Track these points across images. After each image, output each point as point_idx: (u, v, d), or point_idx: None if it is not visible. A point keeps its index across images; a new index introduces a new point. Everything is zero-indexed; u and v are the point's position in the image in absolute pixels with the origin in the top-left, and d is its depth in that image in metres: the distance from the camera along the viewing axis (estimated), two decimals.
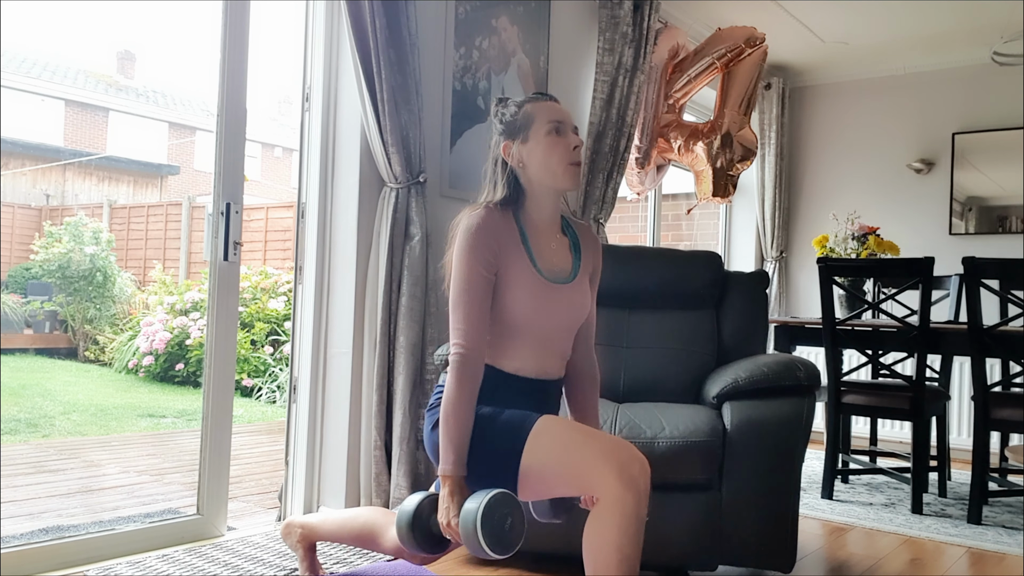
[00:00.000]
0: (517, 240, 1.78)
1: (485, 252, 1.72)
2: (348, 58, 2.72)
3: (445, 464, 1.68)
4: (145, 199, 14.85)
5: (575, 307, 1.83)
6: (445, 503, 1.67)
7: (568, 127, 1.80)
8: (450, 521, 1.65)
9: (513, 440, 1.68)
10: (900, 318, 3.45)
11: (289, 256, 8.31)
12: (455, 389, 1.69)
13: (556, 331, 1.81)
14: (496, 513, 1.59)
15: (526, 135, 1.79)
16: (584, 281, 1.87)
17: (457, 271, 1.74)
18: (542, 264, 1.80)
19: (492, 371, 1.77)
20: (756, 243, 5.41)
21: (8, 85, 14.39)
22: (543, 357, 1.81)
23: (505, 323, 1.76)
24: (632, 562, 1.58)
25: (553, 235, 1.86)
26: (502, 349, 1.78)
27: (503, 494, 1.61)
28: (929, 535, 3.01)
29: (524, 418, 1.70)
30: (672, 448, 2.23)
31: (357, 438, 2.76)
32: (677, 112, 4.20)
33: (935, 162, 5.00)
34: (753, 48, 4.01)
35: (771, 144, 5.23)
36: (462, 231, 1.75)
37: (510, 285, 1.75)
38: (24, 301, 8.82)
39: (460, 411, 1.68)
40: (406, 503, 1.76)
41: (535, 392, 1.80)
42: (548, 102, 1.83)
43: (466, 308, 1.72)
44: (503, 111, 1.84)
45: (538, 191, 1.82)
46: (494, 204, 1.79)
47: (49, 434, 4.94)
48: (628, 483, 1.56)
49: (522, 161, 1.80)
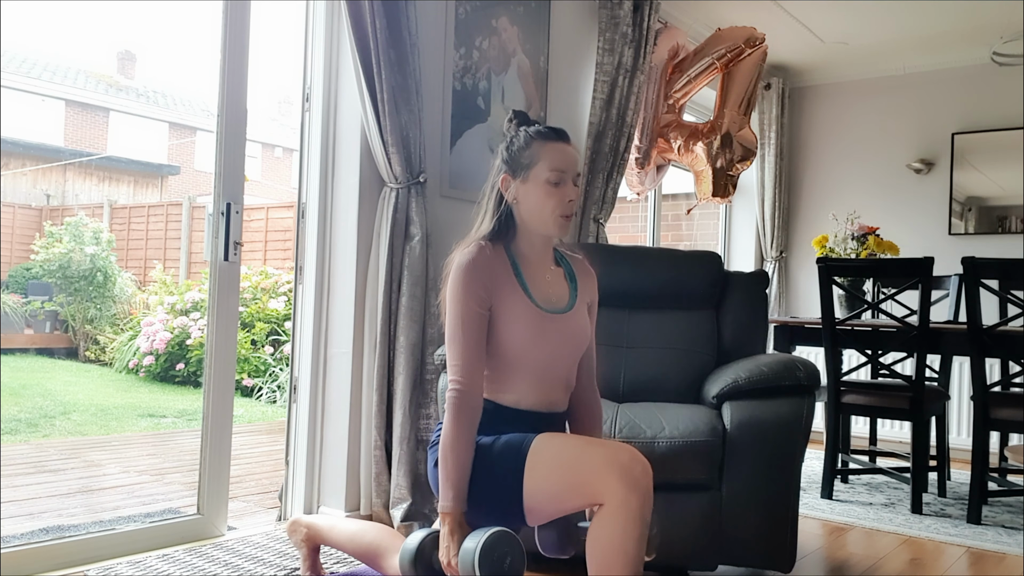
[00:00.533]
0: (510, 273, 1.78)
1: (477, 288, 1.73)
2: (348, 58, 2.72)
3: (444, 501, 1.69)
4: (145, 199, 14.85)
5: (575, 336, 1.83)
6: (445, 542, 1.67)
7: (570, 176, 1.78)
8: (450, 560, 1.66)
9: (513, 462, 1.68)
10: (900, 318, 3.45)
11: (289, 256, 8.31)
12: (453, 425, 1.70)
13: (556, 361, 1.81)
14: (495, 552, 1.59)
15: (527, 175, 1.78)
16: (582, 310, 1.87)
17: (451, 308, 1.74)
18: (537, 295, 1.80)
19: (492, 405, 1.78)
20: (756, 243, 5.41)
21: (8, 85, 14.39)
22: (545, 389, 1.81)
23: (504, 356, 1.77)
24: (636, 563, 1.58)
25: (547, 267, 1.86)
26: (502, 383, 1.78)
27: (501, 532, 1.61)
28: (929, 535, 3.01)
29: (521, 440, 1.70)
30: (672, 448, 2.23)
31: (357, 438, 2.77)
32: (677, 112, 4.20)
33: (935, 162, 5.01)
34: (753, 48, 4.01)
35: (771, 144, 5.24)
36: (454, 269, 1.76)
37: (506, 318, 1.75)
38: (24, 301, 8.82)
39: (458, 447, 1.69)
40: (409, 540, 1.77)
41: (537, 424, 1.79)
42: (559, 145, 1.79)
43: (461, 345, 1.72)
44: (514, 139, 1.82)
45: (529, 229, 1.82)
46: (485, 240, 1.79)
47: (49, 434, 4.95)
48: (631, 485, 1.56)
49: (517, 199, 1.80)
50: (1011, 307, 4.10)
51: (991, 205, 4.84)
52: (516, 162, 1.80)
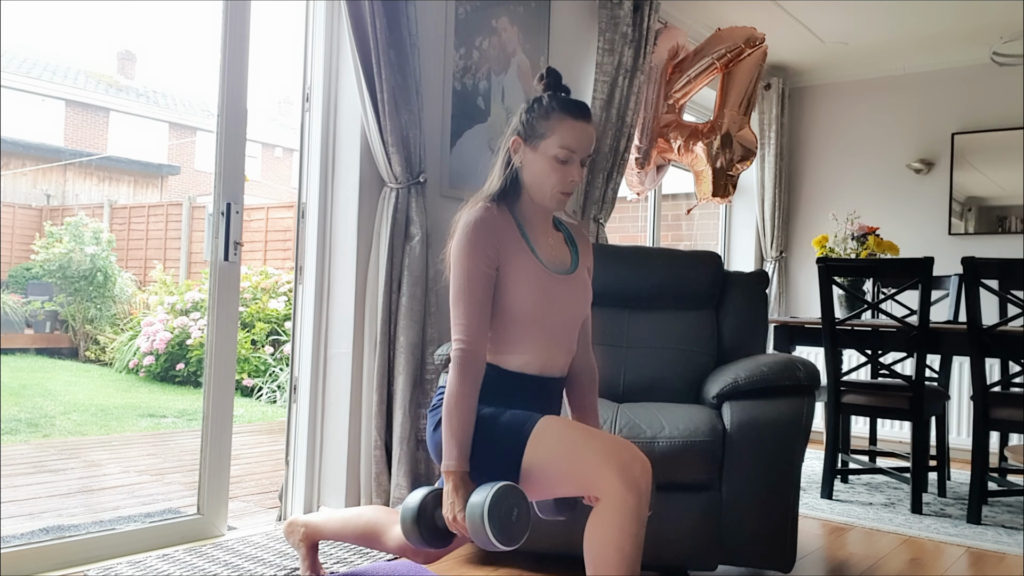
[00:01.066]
0: (517, 234, 1.79)
1: (486, 248, 1.73)
2: (348, 58, 2.72)
3: (448, 460, 1.68)
4: (146, 199, 14.85)
5: (579, 298, 1.84)
6: (450, 498, 1.67)
7: (579, 157, 1.78)
8: (456, 516, 1.65)
9: (515, 441, 1.68)
10: (900, 318, 3.45)
11: (289, 256, 8.32)
12: (457, 384, 1.69)
13: (563, 323, 1.81)
14: (503, 504, 1.59)
15: (537, 144, 1.78)
16: (583, 273, 1.88)
17: (457, 267, 1.74)
18: (543, 256, 1.81)
19: (495, 370, 1.77)
20: (756, 243, 5.41)
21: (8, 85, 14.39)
22: (549, 352, 1.81)
23: (510, 318, 1.76)
24: (633, 562, 1.58)
25: (548, 230, 1.87)
26: (506, 346, 1.78)
27: (508, 486, 1.61)
28: (929, 535, 3.01)
29: (525, 419, 1.70)
30: (672, 448, 2.23)
31: (357, 438, 2.77)
32: (677, 112, 4.20)
33: (935, 162, 5.01)
34: (753, 48, 4.01)
35: (771, 144, 5.24)
36: (461, 227, 1.75)
37: (514, 278, 1.75)
38: (25, 301, 8.82)
39: (462, 406, 1.68)
40: (410, 499, 1.75)
41: (538, 390, 1.80)
42: (577, 123, 1.77)
43: (467, 304, 1.72)
44: (536, 104, 1.80)
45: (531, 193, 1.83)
46: (492, 200, 1.80)
47: (49, 434, 4.95)
48: (630, 483, 1.56)
49: (523, 163, 1.80)
50: (1011, 307, 4.10)
51: (991, 205, 4.84)
52: (531, 128, 1.79)
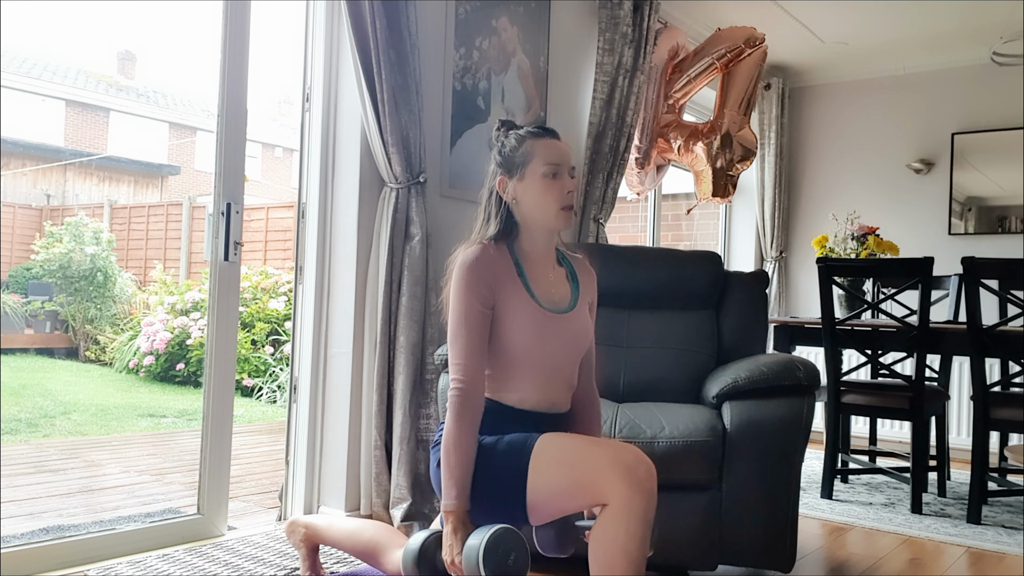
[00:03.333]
0: (513, 273, 1.79)
1: (480, 287, 1.73)
2: (348, 58, 2.72)
3: (447, 499, 1.69)
4: (146, 199, 14.86)
5: (577, 336, 1.84)
6: (448, 540, 1.67)
7: (565, 169, 1.80)
8: (454, 559, 1.66)
9: (517, 463, 1.68)
10: (900, 318, 3.45)
11: (289, 256, 8.32)
12: (455, 424, 1.70)
13: (559, 361, 1.81)
14: (499, 548, 1.59)
15: (522, 173, 1.79)
16: (584, 310, 1.88)
17: (454, 307, 1.75)
18: (540, 295, 1.80)
19: (494, 405, 1.78)
20: (756, 243, 5.41)
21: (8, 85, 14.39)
22: (547, 389, 1.81)
23: (506, 356, 1.77)
24: (639, 564, 1.58)
25: (549, 266, 1.87)
26: (504, 383, 1.79)
27: (505, 529, 1.61)
28: (929, 535, 3.01)
29: (525, 440, 1.70)
30: (672, 448, 2.23)
31: (357, 438, 2.77)
32: (677, 112, 4.20)
33: (935, 162, 5.01)
34: (753, 48, 4.01)
35: (771, 144, 5.24)
36: (457, 267, 1.76)
37: (509, 317, 1.75)
38: (25, 301, 8.82)
39: (461, 445, 1.69)
40: (412, 541, 1.76)
41: (540, 424, 1.79)
42: (549, 140, 1.81)
43: (463, 343, 1.73)
44: (504, 141, 1.83)
45: (531, 226, 1.82)
46: (488, 239, 1.80)
47: (50, 434, 4.95)
48: (636, 486, 1.56)
49: (516, 198, 1.80)
50: (1011, 307, 4.10)
51: (991, 205, 4.84)
52: (510, 162, 1.80)
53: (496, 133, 1.87)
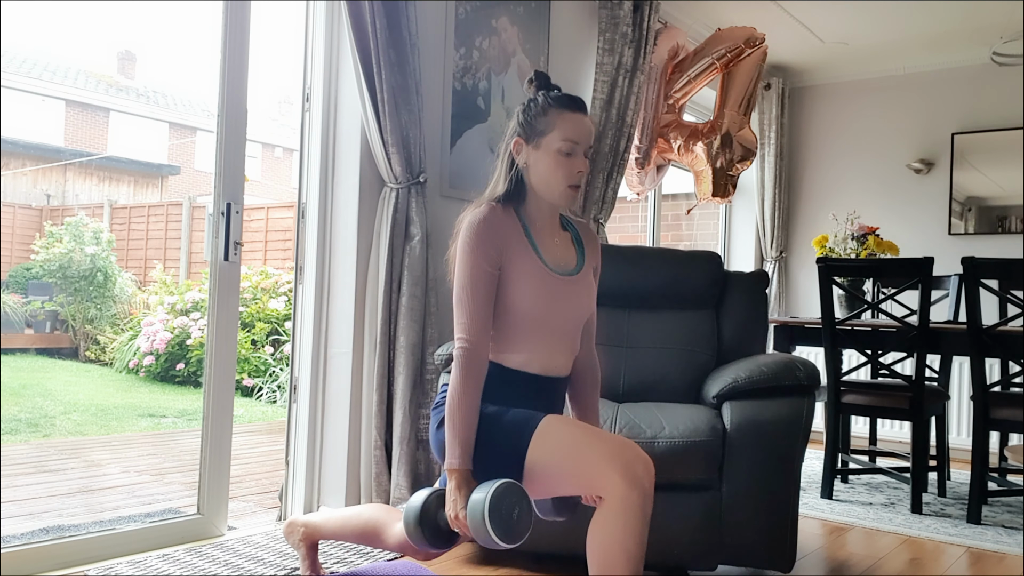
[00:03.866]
0: (521, 235, 1.79)
1: (488, 247, 1.73)
2: (348, 58, 2.72)
3: (451, 458, 1.68)
4: (146, 199, 14.86)
5: (582, 299, 1.84)
6: (452, 496, 1.67)
7: (582, 148, 1.79)
8: (458, 514, 1.66)
9: (518, 440, 1.68)
10: (899, 318, 3.45)
11: (289, 256, 8.32)
12: (460, 383, 1.70)
13: (564, 324, 1.81)
14: (504, 502, 1.59)
15: (539, 142, 1.78)
16: (589, 274, 1.88)
17: (460, 267, 1.74)
18: (547, 257, 1.81)
19: (497, 368, 1.78)
20: (756, 243, 5.41)
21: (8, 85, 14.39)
22: (551, 353, 1.81)
23: (512, 318, 1.77)
24: (637, 562, 1.58)
25: (555, 230, 1.87)
26: (508, 345, 1.78)
27: (510, 483, 1.61)
28: (929, 535, 3.01)
29: (529, 418, 1.70)
30: (672, 448, 2.23)
31: (357, 438, 2.77)
32: (677, 112, 4.20)
33: (935, 162, 5.01)
34: (753, 48, 4.01)
35: (771, 144, 5.24)
36: (465, 227, 1.76)
37: (517, 279, 1.75)
38: (25, 301, 8.82)
39: (465, 405, 1.69)
40: (413, 499, 1.76)
41: (541, 390, 1.80)
42: (575, 115, 1.79)
43: (470, 303, 1.72)
44: (532, 103, 1.81)
45: (537, 195, 1.83)
46: (496, 201, 1.80)
47: (50, 434, 4.95)
48: (633, 483, 1.56)
49: (528, 164, 1.80)
50: (1011, 307, 4.10)
51: (991, 205, 4.84)
52: (531, 127, 1.79)
53: (528, 85, 1.85)
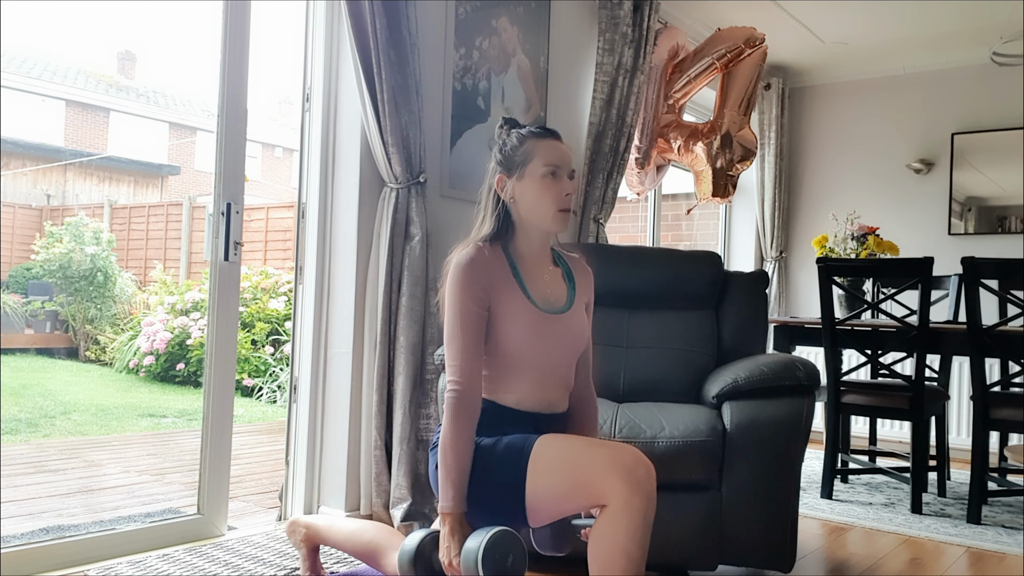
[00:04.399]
0: (508, 274, 1.78)
1: (475, 288, 1.73)
2: (348, 58, 2.72)
3: (445, 501, 1.68)
4: (146, 199, 14.85)
5: (573, 336, 1.83)
6: (446, 542, 1.67)
7: (565, 171, 1.79)
8: (452, 560, 1.65)
9: (515, 465, 1.67)
10: (899, 318, 3.45)
11: (289, 256, 8.32)
12: (452, 426, 1.70)
13: (556, 361, 1.81)
14: (497, 551, 1.59)
15: (522, 172, 1.78)
16: (580, 310, 1.88)
17: (449, 308, 1.75)
18: (536, 295, 1.80)
19: (491, 405, 1.78)
20: (756, 243, 5.41)
21: (8, 85, 14.39)
22: (544, 389, 1.81)
23: (503, 357, 1.77)
24: (638, 565, 1.58)
25: (545, 267, 1.86)
26: (501, 383, 1.78)
27: (503, 531, 1.61)
28: (929, 535, 3.01)
29: (523, 441, 1.70)
30: (672, 448, 2.23)
31: (357, 438, 2.77)
32: (677, 112, 4.20)
33: (934, 162, 5.01)
34: (753, 48, 4.01)
35: (771, 144, 5.24)
36: (453, 268, 1.76)
37: (505, 318, 1.75)
38: (25, 301, 8.82)
39: (458, 447, 1.69)
40: (408, 541, 1.76)
41: (538, 426, 1.79)
42: (551, 141, 1.81)
43: (459, 344, 1.72)
44: (506, 139, 1.83)
45: (527, 227, 1.82)
46: (483, 240, 1.79)
47: (50, 434, 4.95)
48: (635, 487, 1.56)
49: (514, 197, 1.80)
50: (1011, 307, 4.10)
51: (991, 205, 4.84)
52: (510, 161, 1.80)
53: (499, 131, 1.87)
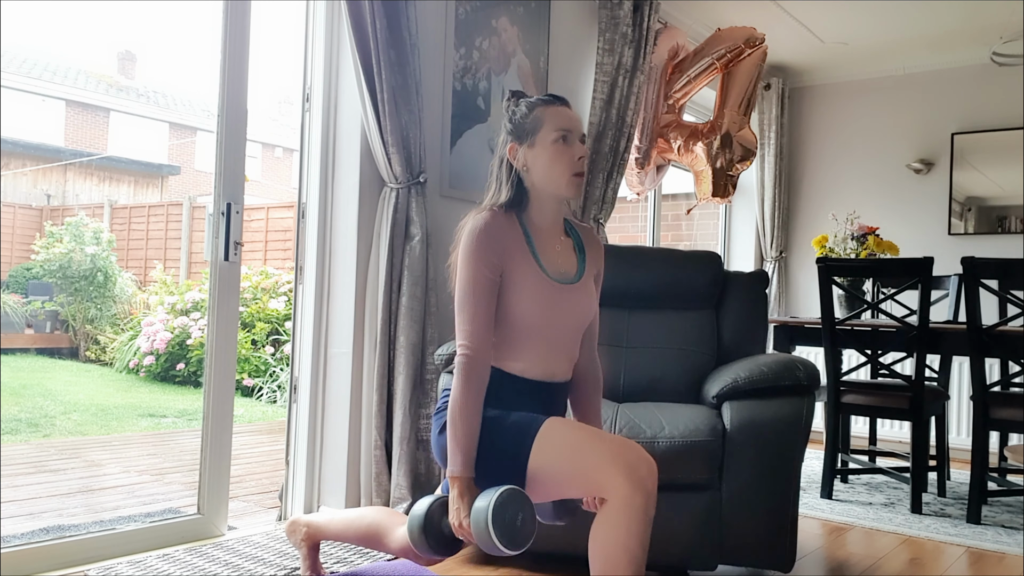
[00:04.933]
0: (522, 242, 1.79)
1: (489, 254, 1.73)
2: (348, 58, 2.72)
3: (453, 465, 1.69)
4: (146, 199, 14.85)
5: (582, 307, 1.84)
6: (455, 504, 1.67)
7: (576, 136, 1.80)
8: (461, 522, 1.66)
9: (520, 443, 1.68)
10: (899, 318, 3.45)
11: (289, 256, 8.32)
12: (462, 390, 1.70)
13: (563, 332, 1.81)
14: (507, 510, 1.59)
15: (533, 140, 1.79)
16: (589, 282, 1.88)
17: (462, 273, 1.74)
18: (548, 265, 1.80)
19: (498, 373, 1.78)
20: (756, 243, 5.41)
21: (8, 85, 14.39)
22: (550, 359, 1.81)
23: (512, 325, 1.77)
24: (639, 562, 1.58)
25: (557, 237, 1.87)
26: (508, 351, 1.78)
27: (513, 490, 1.61)
28: (928, 535, 3.01)
29: (531, 421, 1.70)
30: (672, 448, 2.23)
31: (357, 438, 2.77)
32: (677, 112, 4.20)
33: (934, 162, 5.01)
34: (753, 48, 4.01)
35: (771, 144, 5.24)
36: (466, 234, 1.76)
37: (516, 287, 1.75)
38: (25, 301, 8.82)
39: (467, 412, 1.69)
40: (416, 507, 1.76)
41: (541, 394, 1.80)
42: (559, 107, 1.81)
43: (471, 310, 1.72)
44: (514, 109, 1.83)
45: (541, 195, 1.82)
46: (498, 207, 1.79)
47: (50, 434, 4.95)
48: (637, 484, 1.56)
49: (527, 165, 1.80)
50: (1011, 307, 4.10)
51: (991, 205, 4.84)
52: (521, 129, 1.80)
53: (506, 103, 1.87)
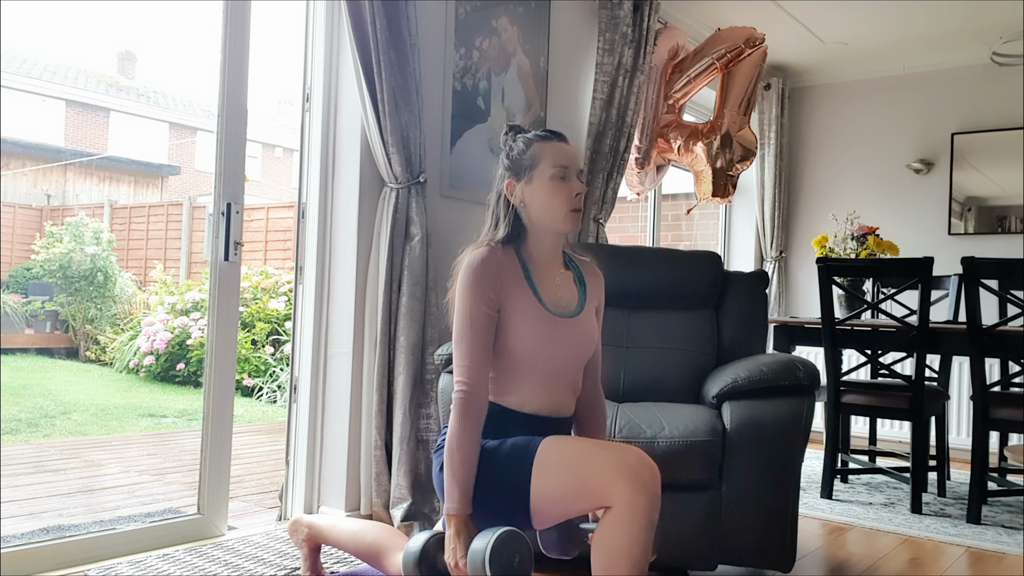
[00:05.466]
0: (520, 276, 1.78)
1: (486, 289, 1.73)
2: (348, 58, 2.72)
3: (450, 503, 1.68)
4: (146, 199, 14.86)
5: (582, 340, 1.83)
6: (452, 543, 1.67)
7: (573, 172, 1.80)
8: (458, 562, 1.65)
9: (520, 467, 1.67)
10: (899, 318, 3.45)
11: (289, 256, 8.32)
12: (458, 426, 1.69)
13: (563, 365, 1.81)
14: (504, 551, 1.59)
15: (531, 176, 1.79)
16: (590, 314, 1.88)
17: (459, 308, 1.74)
18: (547, 298, 1.80)
19: (497, 408, 1.77)
20: (756, 243, 5.41)
21: (8, 85, 14.39)
22: (551, 392, 1.80)
23: (511, 359, 1.76)
24: (641, 565, 1.58)
25: (556, 270, 1.86)
26: (507, 386, 1.78)
27: (510, 531, 1.61)
28: (928, 535, 3.01)
29: (527, 444, 1.70)
30: (672, 448, 2.23)
31: (357, 438, 2.77)
32: (677, 112, 4.20)
33: (934, 162, 5.01)
34: (753, 48, 4.01)
35: (771, 144, 5.24)
36: (463, 269, 1.75)
37: (515, 320, 1.75)
38: (25, 301, 8.82)
39: (464, 448, 1.69)
40: (412, 543, 1.76)
41: (543, 428, 1.78)
42: (557, 143, 1.82)
43: (468, 345, 1.72)
44: (512, 145, 1.84)
45: (539, 229, 1.82)
46: (496, 242, 1.79)
47: (50, 434, 4.95)
48: (640, 488, 1.56)
49: (524, 201, 1.80)
50: (1011, 307, 4.10)
51: (991, 205, 4.84)
52: (518, 165, 1.81)
53: (504, 137, 1.87)
